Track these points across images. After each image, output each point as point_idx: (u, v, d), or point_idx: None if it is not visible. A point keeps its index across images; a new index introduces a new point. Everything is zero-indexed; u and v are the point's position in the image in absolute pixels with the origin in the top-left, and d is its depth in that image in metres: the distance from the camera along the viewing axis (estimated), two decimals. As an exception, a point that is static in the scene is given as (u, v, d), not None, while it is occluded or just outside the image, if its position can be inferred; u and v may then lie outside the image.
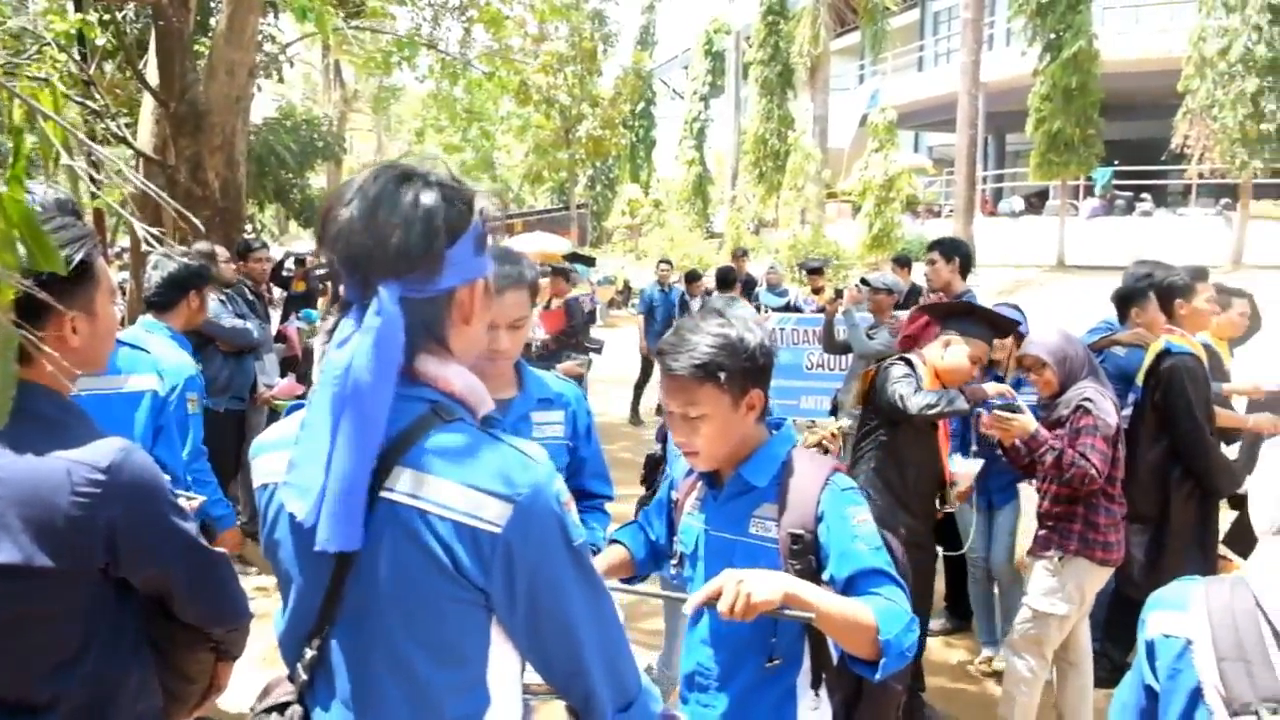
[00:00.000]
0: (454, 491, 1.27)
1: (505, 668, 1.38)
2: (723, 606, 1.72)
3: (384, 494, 1.28)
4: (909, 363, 3.82)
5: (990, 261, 22.32)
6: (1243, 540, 4.59)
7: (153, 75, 7.70)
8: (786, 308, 10.67)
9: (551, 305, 9.25)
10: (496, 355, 2.39)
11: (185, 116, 7.41)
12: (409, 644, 1.30)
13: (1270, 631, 1.40)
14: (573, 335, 8.98)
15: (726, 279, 9.80)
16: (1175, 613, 1.53)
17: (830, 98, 26.49)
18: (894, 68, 31.39)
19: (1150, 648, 1.56)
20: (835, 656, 1.98)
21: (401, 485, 1.28)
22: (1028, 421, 3.70)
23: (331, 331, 1.35)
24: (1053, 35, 21.22)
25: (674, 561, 2.21)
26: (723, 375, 1.92)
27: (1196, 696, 1.46)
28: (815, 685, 2.00)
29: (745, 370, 1.95)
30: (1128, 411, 4.23)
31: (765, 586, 1.72)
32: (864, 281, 6.90)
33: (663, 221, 34.06)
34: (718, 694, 2.04)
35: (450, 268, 1.33)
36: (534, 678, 1.45)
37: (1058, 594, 3.71)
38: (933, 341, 3.93)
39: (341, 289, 1.36)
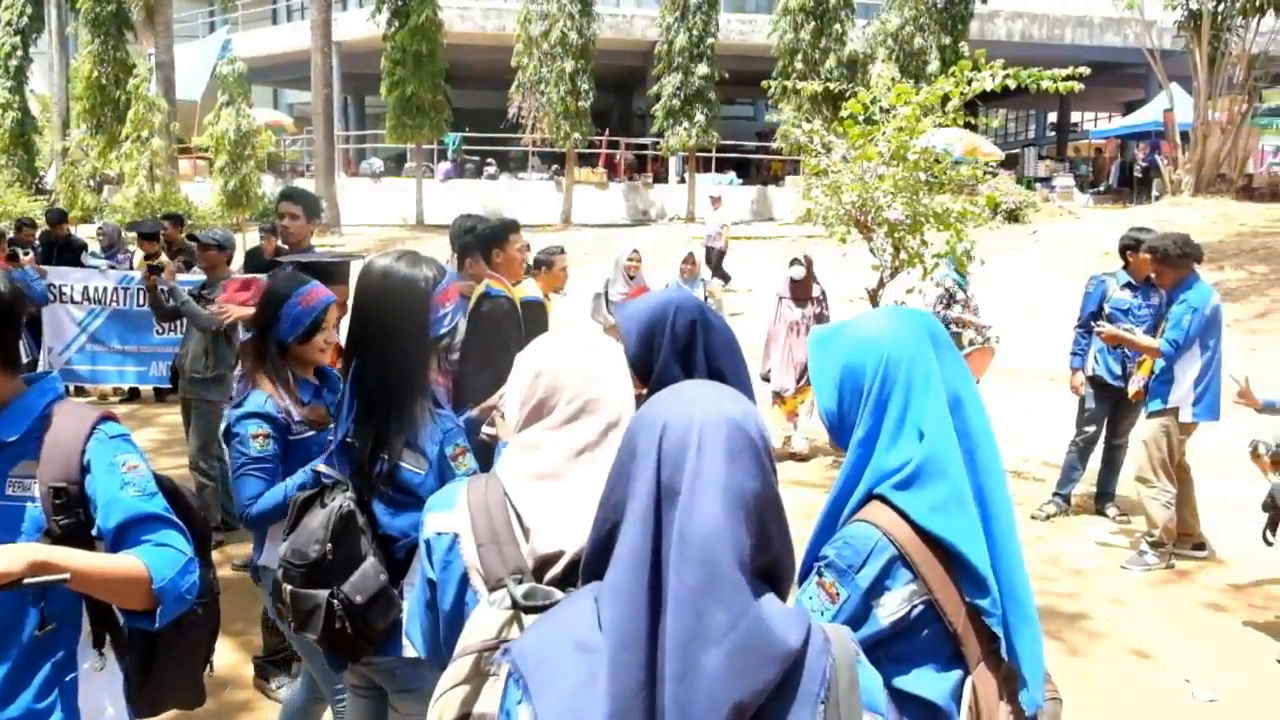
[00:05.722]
0: None
1: None
2: None
3: None
4: None
5: (355, 221, 22.71)
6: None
7: None
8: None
9: None
10: None
11: None
12: None
13: (515, 516, 1.62)
14: None
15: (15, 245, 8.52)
16: (444, 512, 1.71)
17: (176, 45, 24.47)
18: (246, 19, 30.05)
19: (428, 546, 1.73)
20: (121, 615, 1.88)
21: None
22: None
23: None
24: (400, 3, 22.02)
25: None
26: None
27: (464, 580, 1.65)
28: (98, 645, 1.90)
29: None
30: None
31: (5, 557, 1.57)
32: (191, 237, 6.52)
33: (-27, 175, 28.59)
34: None
35: None
36: None
37: None
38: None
39: None
